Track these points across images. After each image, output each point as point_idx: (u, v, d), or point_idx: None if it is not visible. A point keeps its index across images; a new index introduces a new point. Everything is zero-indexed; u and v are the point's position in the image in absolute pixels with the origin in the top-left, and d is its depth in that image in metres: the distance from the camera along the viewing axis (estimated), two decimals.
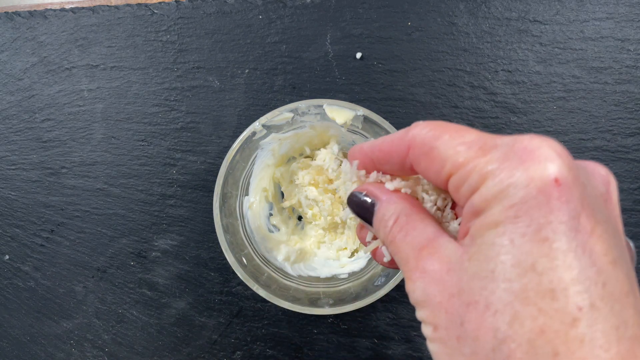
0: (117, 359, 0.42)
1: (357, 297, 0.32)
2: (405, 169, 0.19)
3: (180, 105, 0.44)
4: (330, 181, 0.37)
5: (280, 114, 0.34)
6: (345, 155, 0.38)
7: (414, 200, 0.20)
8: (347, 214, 0.22)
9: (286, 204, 0.40)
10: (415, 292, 0.16)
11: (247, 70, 0.44)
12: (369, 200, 0.20)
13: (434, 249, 0.16)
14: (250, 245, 0.36)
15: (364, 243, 0.23)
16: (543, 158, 0.13)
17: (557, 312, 0.12)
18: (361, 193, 0.21)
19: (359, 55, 0.43)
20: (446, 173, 0.16)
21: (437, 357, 0.15)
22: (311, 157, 0.40)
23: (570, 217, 0.13)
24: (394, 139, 0.19)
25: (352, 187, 0.22)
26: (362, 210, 0.21)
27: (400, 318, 0.39)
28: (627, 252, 0.15)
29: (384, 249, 0.22)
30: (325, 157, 0.36)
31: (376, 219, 0.20)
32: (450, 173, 0.16)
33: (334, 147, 0.38)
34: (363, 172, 0.22)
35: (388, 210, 0.19)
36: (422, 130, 0.17)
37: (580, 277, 0.13)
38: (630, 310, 0.13)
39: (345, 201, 0.22)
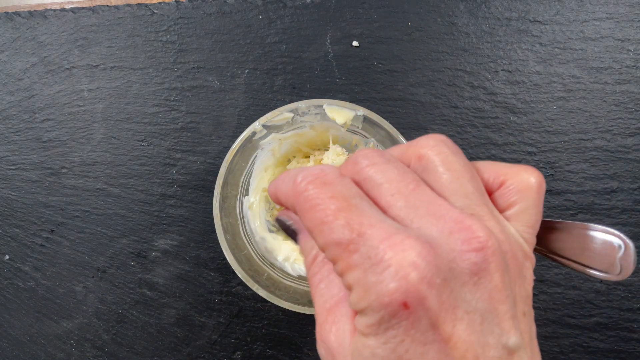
0: (117, 359, 0.42)
1: None
2: None
3: (180, 105, 0.44)
4: None
5: (280, 114, 0.34)
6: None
7: None
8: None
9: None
10: (320, 355, 0.18)
11: (247, 70, 0.44)
12: (292, 227, 0.20)
13: (335, 317, 0.17)
14: (250, 245, 0.36)
15: None
16: (393, 277, 0.14)
17: None
18: (285, 218, 0.21)
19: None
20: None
21: None
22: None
23: (423, 332, 0.14)
24: (287, 189, 0.18)
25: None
26: (289, 235, 0.21)
27: None
28: (502, 319, 0.15)
29: None
30: (332, 156, 0.36)
31: (300, 249, 0.20)
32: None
33: (338, 148, 0.38)
34: None
35: (307, 245, 0.19)
36: (304, 189, 0.16)
37: None
38: None
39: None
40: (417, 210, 0.16)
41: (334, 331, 0.17)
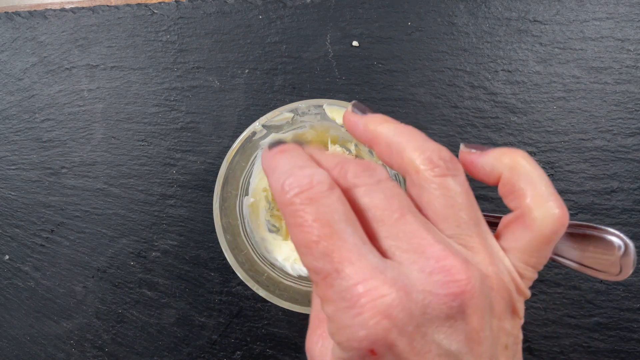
0: (117, 359, 0.42)
1: None
2: None
3: (180, 105, 0.44)
4: None
5: (280, 114, 0.34)
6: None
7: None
8: None
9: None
10: (308, 357, 0.19)
11: (247, 70, 0.44)
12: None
13: (323, 332, 0.20)
14: (250, 246, 0.36)
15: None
16: (363, 325, 0.14)
17: None
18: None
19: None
20: None
21: None
22: None
23: None
24: (276, 189, 0.17)
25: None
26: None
27: None
28: (480, 358, 0.15)
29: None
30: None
31: None
32: None
33: (338, 148, 0.38)
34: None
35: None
36: (290, 201, 0.16)
37: None
38: None
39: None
40: (400, 242, 0.16)
41: (320, 345, 0.18)
